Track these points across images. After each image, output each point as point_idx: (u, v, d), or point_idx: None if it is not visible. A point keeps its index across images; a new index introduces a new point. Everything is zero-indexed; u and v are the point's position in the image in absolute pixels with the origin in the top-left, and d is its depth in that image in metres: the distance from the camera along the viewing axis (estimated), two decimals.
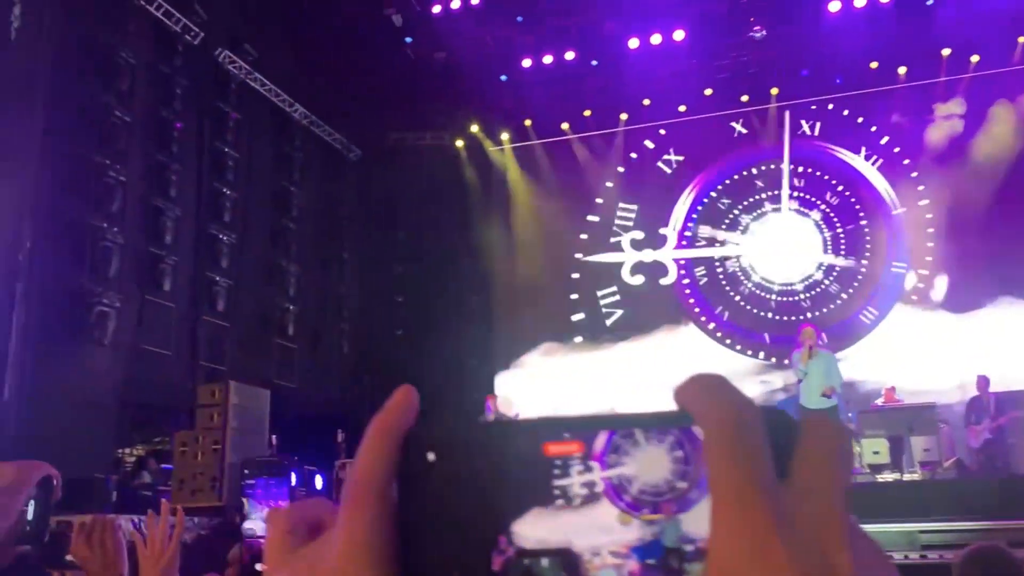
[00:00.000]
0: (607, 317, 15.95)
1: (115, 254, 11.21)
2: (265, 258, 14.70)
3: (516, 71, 15.97)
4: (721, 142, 15.88)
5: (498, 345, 16.44)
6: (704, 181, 15.99)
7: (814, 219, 15.23)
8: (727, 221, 15.73)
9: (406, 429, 0.38)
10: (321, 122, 16.04)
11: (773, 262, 15.28)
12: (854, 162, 15.11)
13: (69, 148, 10.92)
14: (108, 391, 11.28)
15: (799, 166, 15.39)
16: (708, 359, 14.61)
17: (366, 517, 0.35)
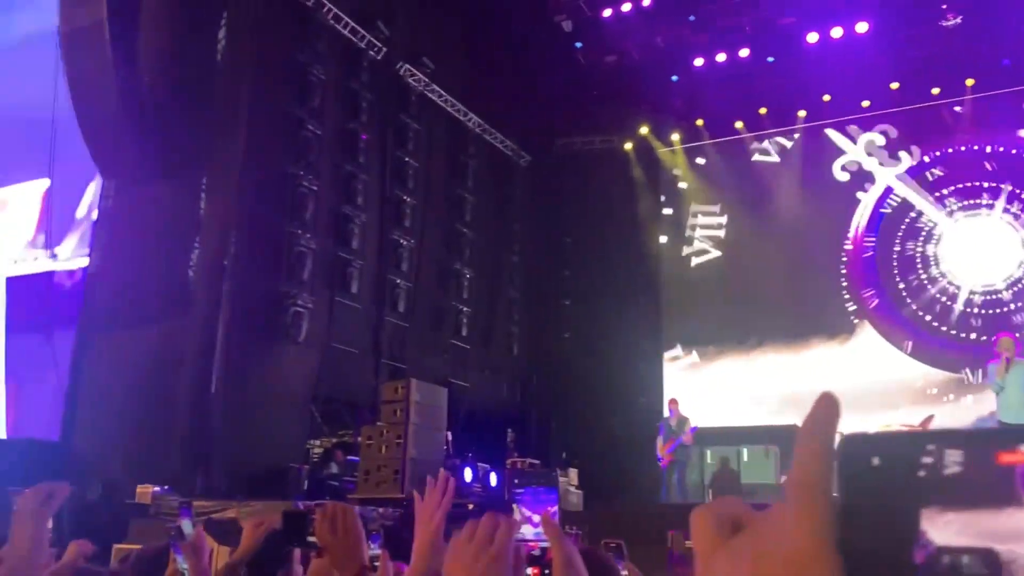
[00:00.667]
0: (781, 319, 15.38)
1: (308, 258, 12.01)
2: (441, 262, 15.27)
3: (688, 71, 15.76)
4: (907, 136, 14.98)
5: (668, 348, 16.27)
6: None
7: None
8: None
9: (835, 433, 0.44)
10: (493, 130, 16.47)
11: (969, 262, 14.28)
12: None
13: (267, 161, 11.81)
14: (301, 386, 12.10)
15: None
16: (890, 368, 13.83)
17: (817, 514, 0.42)
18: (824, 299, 15.20)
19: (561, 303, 17.31)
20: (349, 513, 1.88)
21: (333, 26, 12.92)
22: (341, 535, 1.83)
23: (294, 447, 11.73)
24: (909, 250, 14.87)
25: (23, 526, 1.73)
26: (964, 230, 14.44)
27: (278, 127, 12.02)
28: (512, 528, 1.15)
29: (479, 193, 16.10)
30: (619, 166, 17.02)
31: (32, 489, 1.76)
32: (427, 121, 14.96)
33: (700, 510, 0.49)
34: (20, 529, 1.71)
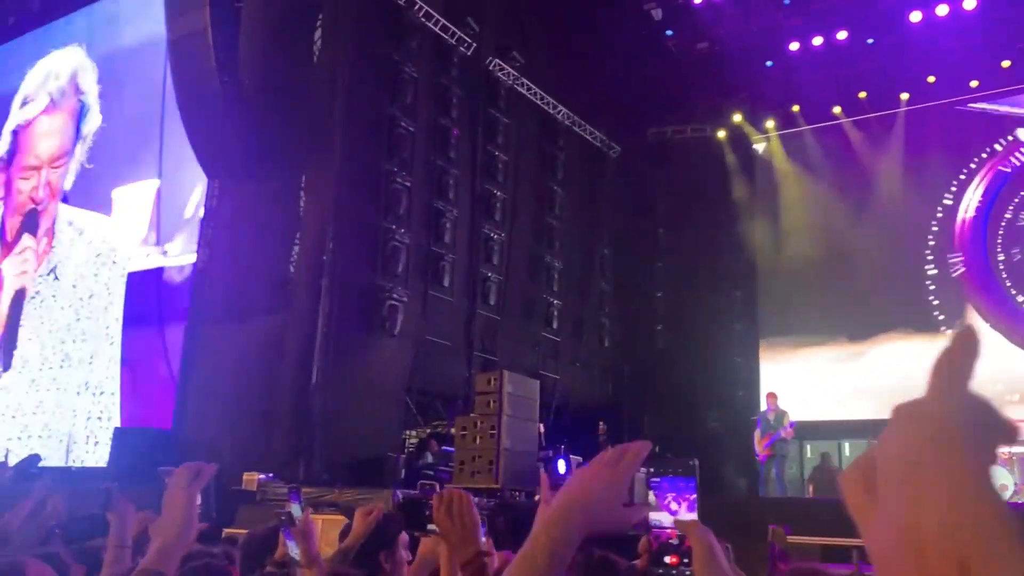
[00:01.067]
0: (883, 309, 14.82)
1: (402, 253, 12.26)
2: (531, 254, 15.34)
3: (783, 56, 15.36)
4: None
5: (765, 340, 15.91)
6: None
7: None
8: None
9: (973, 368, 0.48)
10: (583, 122, 16.43)
11: None
12: None
13: (362, 159, 12.10)
14: (396, 378, 12.37)
15: None
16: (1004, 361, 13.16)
17: (972, 467, 0.45)
18: (930, 288, 14.58)
19: (653, 295, 17.14)
20: (465, 499, 1.93)
21: (424, 24, 13.12)
22: (458, 520, 1.87)
23: (391, 437, 12.00)
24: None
25: (174, 501, 1.85)
26: None
27: (372, 125, 12.29)
28: (640, 454, 1.20)
29: (569, 185, 16.09)
30: (712, 155, 16.73)
31: (182, 467, 1.89)
32: (517, 115, 15.04)
33: (845, 470, 0.51)
34: (171, 504, 1.84)
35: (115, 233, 13.51)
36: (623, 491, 1.11)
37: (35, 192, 15.23)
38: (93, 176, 14.55)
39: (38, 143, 15.73)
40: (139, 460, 10.82)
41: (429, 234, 12.99)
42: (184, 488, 1.86)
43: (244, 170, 12.10)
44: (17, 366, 14.05)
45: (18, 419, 13.60)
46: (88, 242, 13.87)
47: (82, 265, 13.79)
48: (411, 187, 12.51)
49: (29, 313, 14.25)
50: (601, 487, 1.14)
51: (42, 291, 14.29)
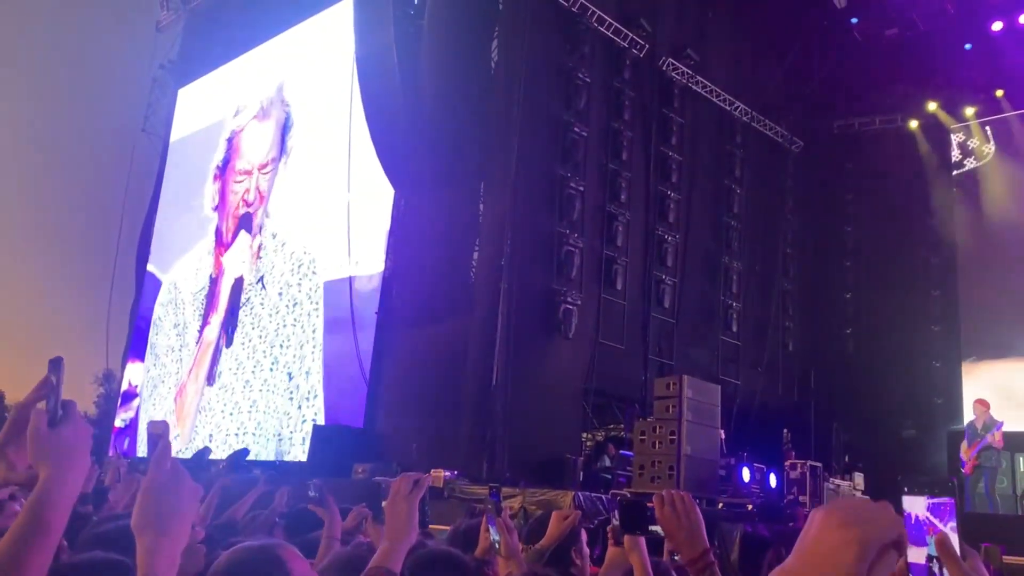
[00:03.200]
0: None
1: (576, 256, 12.36)
2: (708, 255, 15.01)
3: (983, 37, 14.19)
4: None
5: (968, 344, 14.72)
6: None
7: None
8: None
9: None
10: (762, 117, 15.90)
11: None
12: None
13: (537, 165, 12.31)
14: (572, 380, 12.48)
15: None
16: None
17: None
18: None
19: (841, 296, 16.31)
20: (688, 499, 1.93)
21: (597, 28, 13.18)
22: (684, 520, 1.89)
23: (569, 439, 12.12)
24: None
25: (398, 509, 2.02)
26: None
27: (547, 131, 12.50)
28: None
29: (747, 183, 15.62)
30: (904, 147, 15.72)
31: (402, 476, 2.05)
32: (691, 114, 14.78)
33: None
34: (395, 512, 2.01)
35: (314, 244, 14.50)
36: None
37: (247, 195, 16.64)
38: (289, 187, 15.69)
39: (249, 148, 17.16)
40: (335, 455, 11.58)
41: (602, 238, 13.02)
42: (405, 497, 2.01)
43: (427, 181, 12.65)
44: (232, 367, 15.38)
45: (235, 416, 14.89)
46: (290, 253, 14.98)
47: (286, 274, 14.91)
48: (584, 191, 12.60)
49: (242, 319, 15.58)
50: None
51: (252, 299, 15.58)
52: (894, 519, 0.90)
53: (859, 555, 0.86)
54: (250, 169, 16.83)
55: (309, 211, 14.88)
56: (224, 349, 15.82)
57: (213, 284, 16.84)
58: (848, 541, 0.87)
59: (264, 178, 16.32)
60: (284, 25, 17.01)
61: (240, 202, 16.76)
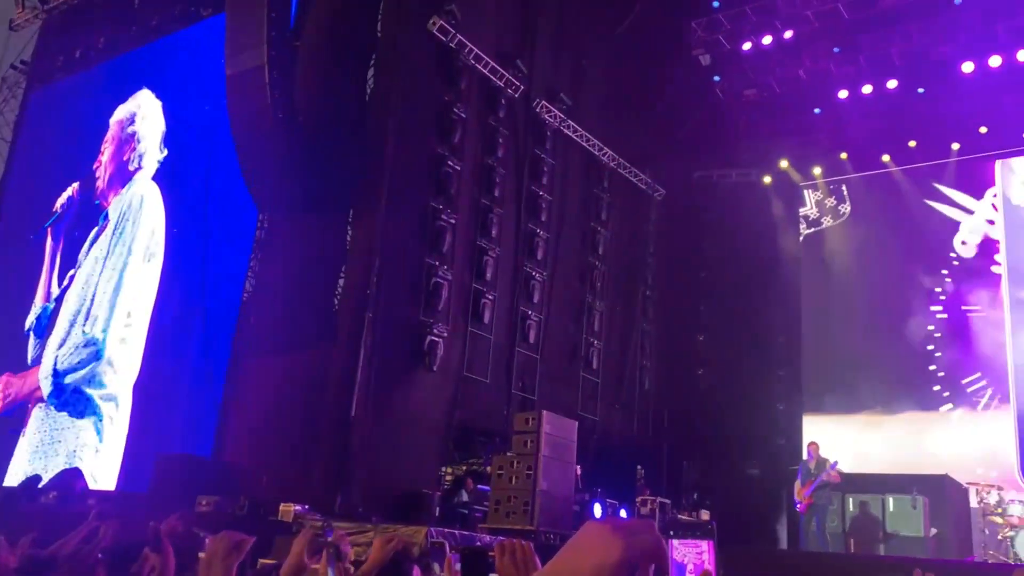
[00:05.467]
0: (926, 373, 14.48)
1: (444, 289, 12.37)
2: (573, 295, 15.35)
3: (831, 103, 15.31)
4: None
5: (806, 389, 15.64)
6: None
7: None
8: None
9: None
10: (628, 164, 16.50)
11: None
12: None
13: (409, 196, 12.29)
14: (434, 413, 12.40)
15: None
16: None
17: None
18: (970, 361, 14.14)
19: (695, 338, 17.00)
20: (527, 549, 1.92)
21: (474, 66, 13.35)
22: (522, 569, 1.88)
23: (428, 473, 12.00)
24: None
25: (212, 570, 1.85)
26: None
27: (420, 163, 12.51)
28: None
29: (612, 226, 16.13)
30: (758, 200, 16.66)
31: (221, 535, 1.88)
32: (562, 156, 15.17)
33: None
34: (208, 573, 1.83)
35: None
36: (620, 561, 1.03)
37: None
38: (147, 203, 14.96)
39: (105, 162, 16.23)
40: (179, 486, 10.97)
41: (472, 271, 13.10)
42: (222, 560, 1.86)
43: (294, 204, 12.36)
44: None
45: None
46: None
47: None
48: (456, 224, 12.67)
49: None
50: (598, 552, 1.07)
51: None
52: (659, 536, 0.97)
53: (622, 559, 0.92)
54: (102, 182, 15.95)
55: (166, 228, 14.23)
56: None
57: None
58: (615, 545, 0.92)
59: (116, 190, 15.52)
60: (151, 35, 16.34)
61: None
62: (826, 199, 16.52)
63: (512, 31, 14.46)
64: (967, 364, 14.00)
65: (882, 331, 15.06)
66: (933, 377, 14.36)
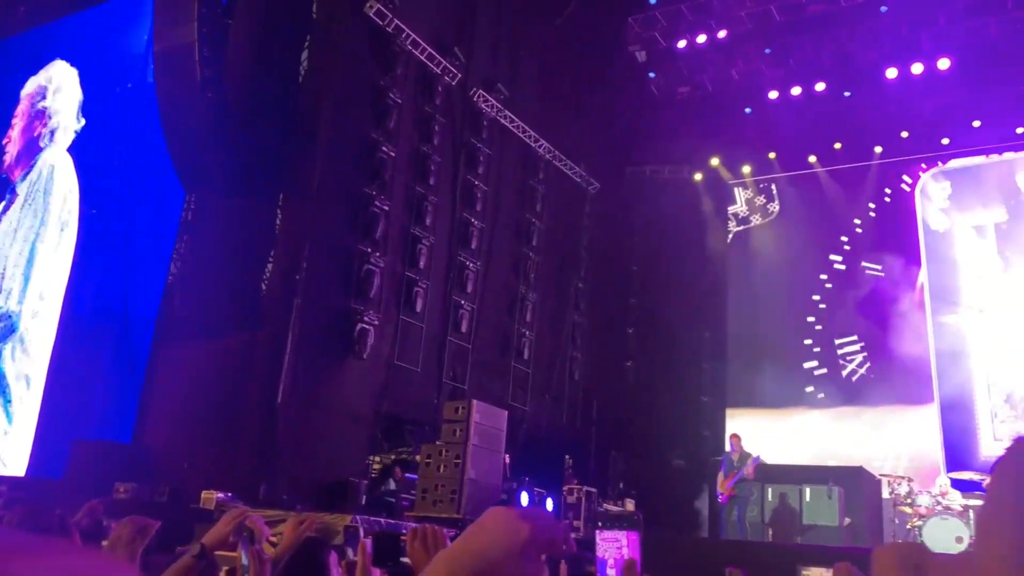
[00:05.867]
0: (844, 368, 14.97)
1: (376, 276, 12.25)
2: (506, 285, 15.38)
3: (762, 104, 15.65)
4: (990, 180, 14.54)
5: (731, 383, 16.02)
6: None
7: None
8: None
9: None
10: (563, 157, 16.59)
11: None
12: None
13: (342, 181, 12.12)
14: (364, 402, 12.29)
15: None
16: None
17: (1012, 538, 0.46)
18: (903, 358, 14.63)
19: (625, 331, 17.21)
20: (439, 534, 1.91)
21: (411, 52, 13.23)
22: (432, 554, 1.86)
23: (355, 462, 11.90)
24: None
25: (117, 555, 1.80)
26: None
27: (354, 148, 12.34)
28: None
29: (547, 218, 16.20)
30: (689, 196, 16.94)
31: (127, 520, 1.82)
32: (498, 146, 15.17)
33: (886, 548, 0.53)
34: (114, 556, 1.78)
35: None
36: (527, 543, 1.09)
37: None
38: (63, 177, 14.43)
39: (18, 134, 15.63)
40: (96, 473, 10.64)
41: (404, 259, 13.01)
42: (126, 545, 1.81)
43: (222, 185, 12.07)
44: None
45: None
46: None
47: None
48: (389, 211, 12.55)
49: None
50: (505, 535, 1.12)
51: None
52: (559, 524, 1.04)
53: (529, 542, 0.96)
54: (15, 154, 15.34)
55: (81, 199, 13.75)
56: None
57: None
58: (522, 529, 0.96)
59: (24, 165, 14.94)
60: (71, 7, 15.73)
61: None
62: (756, 198, 16.89)
63: (450, 19, 14.38)
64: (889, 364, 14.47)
65: (806, 329, 15.50)
66: (854, 374, 14.85)
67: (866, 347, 14.83)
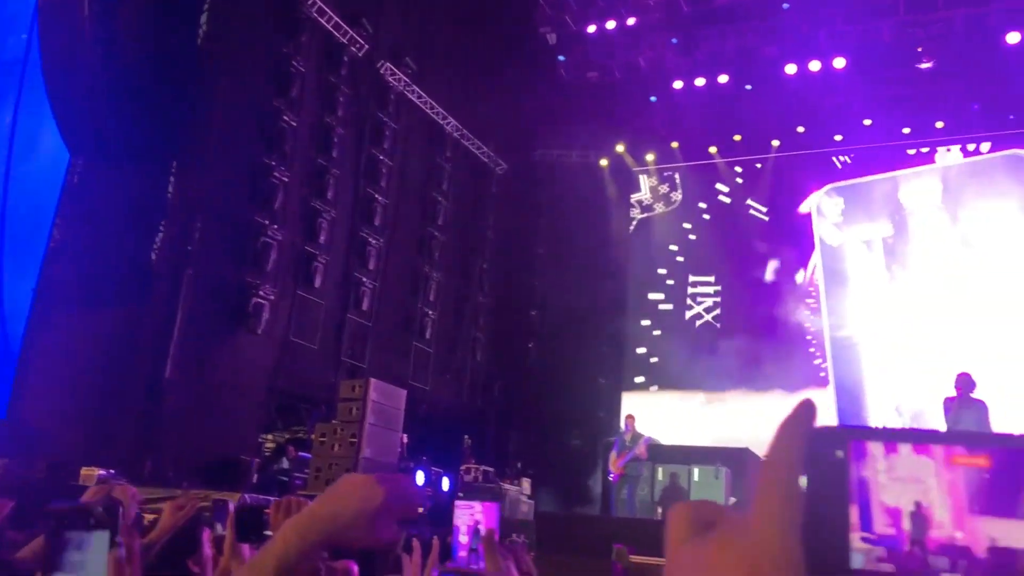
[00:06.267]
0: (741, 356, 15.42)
1: (273, 250, 11.93)
2: (409, 263, 15.23)
3: (667, 93, 15.91)
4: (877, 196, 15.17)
5: (627, 365, 16.33)
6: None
7: None
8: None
9: (814, 429, 0.47)
10: (472, 136, 16.49)
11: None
12: None
13: (240, 149, 11.73)
14: (257, 378, 11.99)
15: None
16: None
17: (781, 497, 0.45)
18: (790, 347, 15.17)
19: (528, 313, 17.32)
20: (304, 506, 1.87)
21: (317, 20, 12.88)
22: None
23: (246, 439, 11.63)
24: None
25: None
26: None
27: (254, 116, 11.95)
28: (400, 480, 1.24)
29: (453, 197, 16.10)
30: (595, 181, 17.12)
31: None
32: (405, 121, 14.95)
33: (679, 507, 0.51)
34: None
35: None
36: (381, 508, 1.14)
37: None
38: None
39: None
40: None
41: (304, 233, 12.71)
42: None
43: (111, 149, 11.48)
44: None
45: None
46: None
47: None
48: (289, 183, 12.22)
49: None
50: (358, 500, 1.16)
51: None
52: (415, 489, 1.16)
53: (383, 506, 1.05)
54: None
55: None
56: None
57: None
58: (376, 493, 1.05)
59: None
60: None
61: None
62: (659, 186, 17.19)
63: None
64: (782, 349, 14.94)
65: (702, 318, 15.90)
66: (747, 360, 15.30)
67: (759, 336, 15.27)
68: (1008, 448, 0.34)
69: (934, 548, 0.34)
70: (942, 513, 0.34)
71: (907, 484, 1.06)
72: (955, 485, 0.34)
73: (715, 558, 0.44)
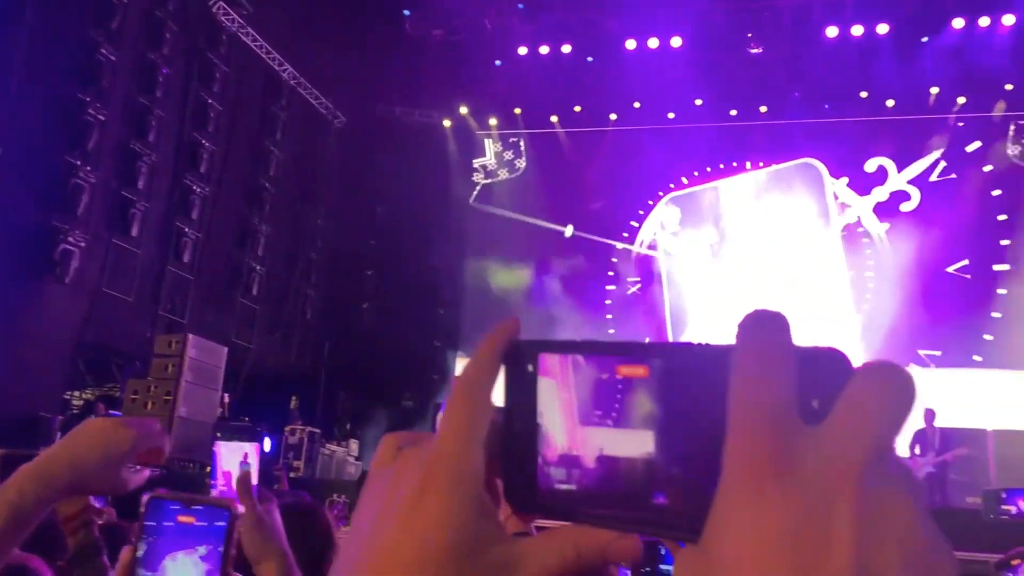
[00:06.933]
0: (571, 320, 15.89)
1: (85, 193, 11.04)
2: (237, 215, 14.56)
3: (511, 58, 15.94)
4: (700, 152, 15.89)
5: (463, 329, 16.42)
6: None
7: None
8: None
9: (510, 344, 0.45)
10: (309, 85, 15.87)
11: None
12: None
13: (51, 81, 10.72)
14: (64, 331, 11.14)
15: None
16: None
17: (468, 408, 0.42)
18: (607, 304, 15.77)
19: (364, 272, 17.01)
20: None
21: None
22: None
23: (50, 396, 10.83)
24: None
25: None
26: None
27: (68, 46, 10.94)
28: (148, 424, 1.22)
29: (287, 148, 15.49)
30: (436, 142, 16.94)
31: None
32: (237, 65, 14.17)
33: (389, 434, 0.49)
34: None
35: None
36: (128, 452, 1.13)
37: None
38: None
39: None
40: None
41: (121, 177, 11.82)
42: None
43: None
44: None
45: None
46: None
47: None
48: (105, 121, 11.31)
49: None
50: (104, 444, 1.13)
51: None
52: (162, 434, 1.21)
53: (131, 449, 1.13)
54: None
55: None
56: None
57: None
58: (125, 436, 1.13)
59: None
60: None
61: None
62: (504, 152, 17.24)
63: None
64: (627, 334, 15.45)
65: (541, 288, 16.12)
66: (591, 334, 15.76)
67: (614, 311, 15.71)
68: (665, 357, 0.34)
69: (553, 460, 0.34)
70: (560, 425, 0.34)
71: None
72: (577, 398, 0.34)
73: (399, 472, 0.43)
